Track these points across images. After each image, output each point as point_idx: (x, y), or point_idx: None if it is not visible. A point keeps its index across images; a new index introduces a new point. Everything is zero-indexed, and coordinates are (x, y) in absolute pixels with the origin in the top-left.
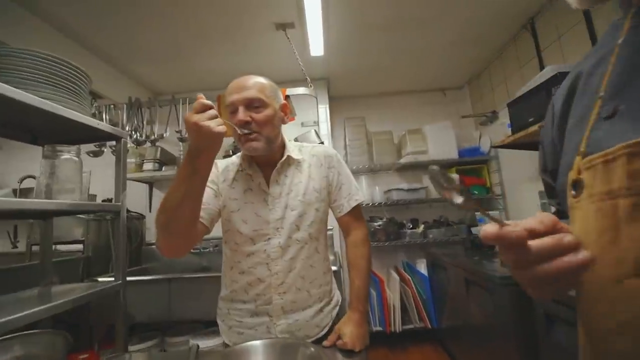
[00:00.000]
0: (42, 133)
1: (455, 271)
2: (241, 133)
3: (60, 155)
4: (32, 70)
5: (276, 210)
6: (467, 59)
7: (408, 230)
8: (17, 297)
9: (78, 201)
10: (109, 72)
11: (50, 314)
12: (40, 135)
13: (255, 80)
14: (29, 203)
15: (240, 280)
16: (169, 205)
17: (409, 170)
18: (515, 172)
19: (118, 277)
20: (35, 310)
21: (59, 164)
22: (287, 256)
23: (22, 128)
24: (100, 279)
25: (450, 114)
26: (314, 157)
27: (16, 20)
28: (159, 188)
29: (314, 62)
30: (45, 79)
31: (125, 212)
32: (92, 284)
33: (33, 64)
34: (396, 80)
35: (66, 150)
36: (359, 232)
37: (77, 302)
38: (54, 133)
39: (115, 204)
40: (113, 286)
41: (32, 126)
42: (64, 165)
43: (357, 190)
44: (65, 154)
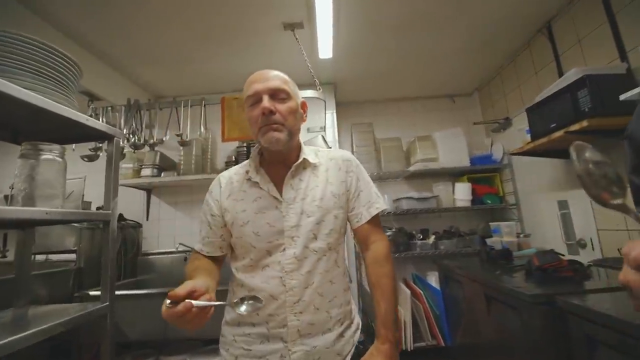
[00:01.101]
0: (24, 130)
1: (472, 286)
2: (262, 124)
3: (41, 155)
4: (10, 55)
5: (290, 217)
6: (477, 64)
7: (418, 241)
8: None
9: (59, 209)
10: (108, 73)
11: (20, 346)
12: (22, 133)
13: (278, 73)
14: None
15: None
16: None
17: (418, 178)
18: (531, 180)
19: (105, 298)
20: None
21: (39, 166)
22: (303, 269)
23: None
24: (92, 292)
25: (459, 121)
26: (331, 160)
27: (14, 18)
28: (157, 195)
29: (321, 66)
30: (26, 66)
31: (115, 223)
32: (75, 306)
33: (11, 48)
34: (404, 86)
35: (47, 150)
36: (380, 246)
37: (53, 331)
38: (38, 131)
39: (104, 212)
40: (99, 309)
41: (12, 122)
42: (45, 167)
43: (377, 197)
44: (46, 154)
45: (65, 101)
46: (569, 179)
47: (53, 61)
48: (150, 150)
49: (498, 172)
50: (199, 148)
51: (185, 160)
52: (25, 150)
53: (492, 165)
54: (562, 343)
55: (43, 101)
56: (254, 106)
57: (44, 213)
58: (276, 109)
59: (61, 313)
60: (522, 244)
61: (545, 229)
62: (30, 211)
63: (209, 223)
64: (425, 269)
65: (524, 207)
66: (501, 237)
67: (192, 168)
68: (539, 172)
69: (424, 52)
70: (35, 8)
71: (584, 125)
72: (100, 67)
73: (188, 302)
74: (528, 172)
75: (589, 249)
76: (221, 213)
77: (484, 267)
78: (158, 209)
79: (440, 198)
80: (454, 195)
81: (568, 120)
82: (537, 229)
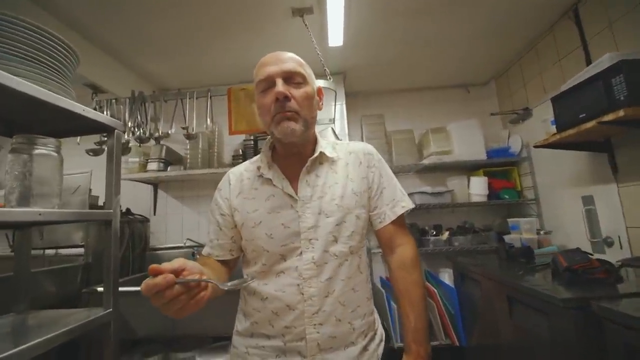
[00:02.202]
0: (18, 123)
1: (492, 286)
2: (275, 112)
3: (34, 149)
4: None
5: (307, 217)
6: (494, 52)
7: (431, 237)
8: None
9: (55, 209)
10: (112, 64)
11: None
12: (17, 125)
13: (292, 55)
14: None
15: (264, 309)
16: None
17: (430, 171)
18: (552, 174)
19: (108, 304)
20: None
21: (32, 161)
22: (323, 275)
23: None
24: (100, 288)
25: (474, 112)
26: (351, 154)
27: (15, 8)
28: (164, 189)
29: (331, 54)
30: (17, 51)
31: (118, 222)
32: (78, 312)
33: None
34: (416, 76)
35: (41, 144)
36: (407, 250)
37: (54, 342)
38: (33, 123)
39: (105, 212)
40: (102, 316)
41: (5, 114)
42: (39, 163)
43: (402, 195)
44: (40, 148)
45: (61, 90)
46: (595, 173)
47: (47, 46)
48: (156, 144)
49: (516, 166)
50: (206, 141)
51: (191, 154)
52: (16, 144)
53: (510, 158)
54: (596, 351)
55: (35, 89)
56: (266, 92)
57: (36, 214)
58: (291, 95)
59: (62, 320)
60: (542, 241)
61: (568, 225)
62: (21, 213)
63: (218, 223)
64: (438, 265)
65: (543, 202)
66: (520, 234)
67: (199, 162)
68: (562, 166)
69: (437, 39)
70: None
71: (620, 115)
72: (103, 58)
73: (169, 276)
74: (549, 165)
75: (616, 247)
76: (231, 212)
77: (503, 266)
78: (165, 203)
79: (455, 192)
80: (469, 189)
81: (600, 110)
82: (559, 225)
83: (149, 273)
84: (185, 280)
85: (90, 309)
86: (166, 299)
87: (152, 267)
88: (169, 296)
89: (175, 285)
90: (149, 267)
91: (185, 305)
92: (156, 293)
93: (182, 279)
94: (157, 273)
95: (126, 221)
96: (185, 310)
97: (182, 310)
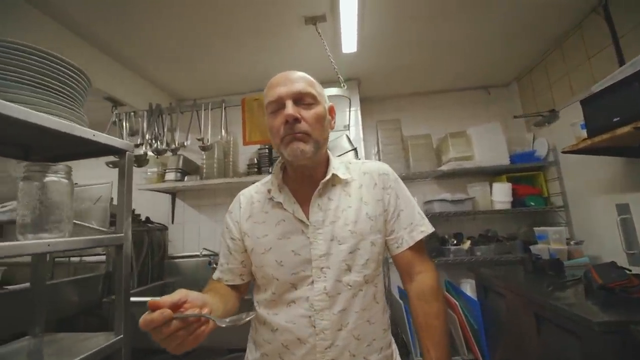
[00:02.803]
0: (34, 147)
1: (518, 301)
2: (285, 133)
3: (45, 176)
4: (8, 66)
5: (319, 244)
6: (517, 51)
7: (451, 246)
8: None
9: (65, 238)
10: (130, 77)
11: None
12: (33, 149)
13: (302, 74)
14: None
15: (274, 341)
16: None
17: (450, 178)
18: (583, 180)
19: (119, 331)
20: None
21: (43, 188)
22: (336, 307)
23: (7, 141)
24: None
25: (495, 115)
26: (365, 175)
27: (29, 21)
28: (181, 198)
29: (345, 60)
30: (26, 80)
31: (129, 247)
32: (89, 337)
33: (8, 58)
34: (433, 79)
35: (52, 171)
36: (427, 278)
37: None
38: (48, 147)
39: (116, 236)
40: (114, 343)
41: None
42: (49, 190)
43: (421, 218)
44: (50, 176)
45: (73, 115)
46: (630, 180)
47: (57, 72)
48: (173, 154)
49: (542, 171)
50: (221, 151)
51: (207, 164)
52: (28, 172)
53: (535, 163)
54: None
55: (45, 119)
56: (276, 113)
57: (45, 245)
58: (301, 116)
59: (75, 347)
60: (573, 252)
61: (601, 235)
62: (31, 245)
63: (228, 247)
64: (459, 276)
65: (573, 210)
66: (548, 244)
67: (215, 172)
68: (593, 171)
69: (456, 41)
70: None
71: None
72: (121, 72)
73: (166, 312)
74: (579, 170)
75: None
76: (241, 237)
77: (529, 279)
78: (183, 212)
79: (476, 200)
80: (492, 196)
81: (637, 114)
82: (590, 235)
83: (148, 307)
84: (182, 316)
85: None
86: (164, 335)
87: (151, 301)
88: (166, 332)
89: (173, 320)
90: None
91: (184, 340)
92: (154, 328)
93: (180, 315)
94: (156, 308)
95: (145, 230)
96: (184, 345)
97: (181, 345)
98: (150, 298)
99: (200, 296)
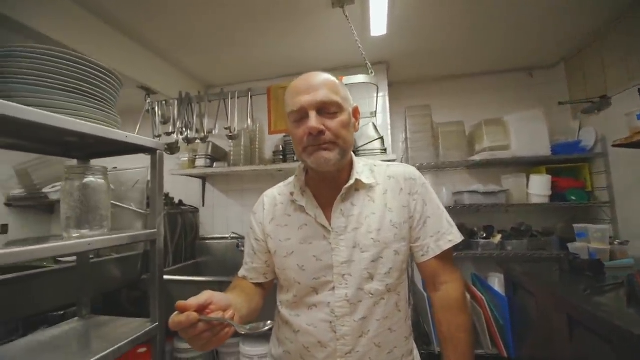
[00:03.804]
0: (72, 147)
1: (550, 301)
2: (308, 144)
3: (84, 177)
4: (41, 72)
5: (341, 251)
6: (567, 28)
7: (481, 239)
8: (52, 335)
9: (104, 236)
10: (161, 66)
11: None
12: (72, 148)
13: (326, 78)
14: (24, 253)
15: (296, 342)
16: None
17: (482, 167)
18: (634, 174)
19: (154, 319)
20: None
21: (83, 189)
22: (357, 315)
23: (49, 142)
24: None
25: (537, 100)
26: (390, 179)
27: (68, 16)
28: (211, 183)
29: (373, 44)
30: (60, 85)
31: (162, 241)
32: (128, 322)
33: (42, 65)
34: (469, 60)
35: (90, 172)
36: (453, 289)
37: (112, 356)
38: (85, 146)
39: (150, 232)
40: (150, 330)
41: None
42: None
43: (450, 226)
44: (88, 176)
45: (105, 118)
46: None
47: (90, 76)
48: (202, 142)
49: (587, 163)
50: (247, 138)
51: (235, 152)
52: (69, 174)
53: (580, 154)
54: None
55: (77, 125)
56: (299, 123)
57: (86, 245)
58: (326, 127)
59: (116, 332)
60: (616, 252)
61: None
62: (71, 245)
63: (252, 247)
64: (487, 269)
65: (620, 206)
66: (588, 243)
67: (242, 158)
68: None
69: (497, 17)
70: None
71: None
72: (153, 60)
73: (193, 315)
74: (630, 163)
75: None
76: (264, 238)
77: (565, 279)
78: (212, 196)
79: (510, 192)
80: (528, 189)
81: None
82: (637, 235)
83: (176, 308)
84: (207, 319)
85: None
86: (190, 336)
87: (179, 303)
88: (193, 334)
89: (199, 323)
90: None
91: (208, 341)
92: (181, 329)
93: (205, 317)
94: (183, 310)
95: (179, 212)
96: (209, 345)
97: (206, 345)
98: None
99: (225, 297)
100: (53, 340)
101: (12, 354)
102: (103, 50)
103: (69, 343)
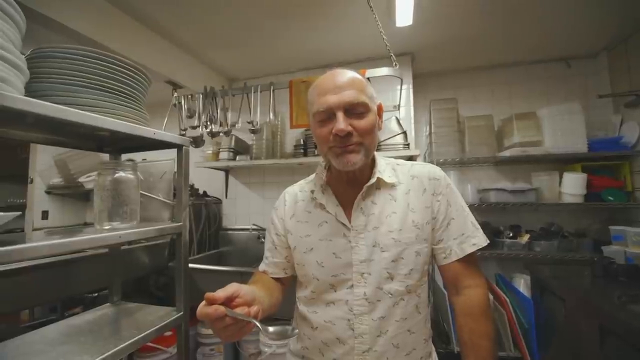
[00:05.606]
0: (104, 142)
1: (580, 308)
2: (334, 144)
3: (116, 172)
4: (74, 72)
5: (360, 249)
6: (611, 14)
7: (507, 239)
8: (86, 320)
9: (134, 229)
10: (187, 60)
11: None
12: (104, 143)
13: (352, 77)
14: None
15: (314, 338)
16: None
17: (511, 164)
18: None
19: (180, 308)
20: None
21: (115, 184)
22: (375, 314)
23: (83, 137)
24: None
25: (575, 92)
26: (414, 179)
27: (96, 11)
28: (234, 175)
29: (398, 34)
30: (91, 83)
31: (187, 234)
32: (155, 310)
33: (75, 65)
34: (500, 50)
35: (121, 168)
36: (476, 294)
37: (136, 345)
38: (116, 141)
39: (176, 225)
40: (175, 319)
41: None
42: (120, 185)
43: (475, 229)
44: (119, 172)
45: (135, 115)
46: None
47: (119, 73)
48: (226, 136)
49: (628, 161)
50: (269, 132)
51: (256, 145)
52: (101, 169)
53: (620, 151)
54: None
55: (108, 122)
56: (324, 122)
57: (117, 237)
58: (353, 127)
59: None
60: None
61: None
62: (103, 237)
63: (273, 242)
64: (512, 270)
65: None
66: (625, 247)
67: (263, 151)
68: None
69: (532, 5)
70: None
71: None
72: (180, 55)
73: (220, 309)
74: None
75: None
76: (285, 233)
77: (598, 285)
78: (235, 188)
79: (541, 190)
80: (561, 187)
81: None
82: None
83: (205, 299)
84: (234, 314)
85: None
86: (216, 327)
87: (208, 295)
88: (219, 326)
89: (226, 317)
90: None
91: (234, 333)
92: (208, 321)
93: (232, 312)
94: (212, 302)
95: (203, 203)
96: (234, 337)
97: (231, 337)
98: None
99: (251, 290)
100: (87, 324)
101: (52, 335)
102: (134, 47)
103: (102, 328)
